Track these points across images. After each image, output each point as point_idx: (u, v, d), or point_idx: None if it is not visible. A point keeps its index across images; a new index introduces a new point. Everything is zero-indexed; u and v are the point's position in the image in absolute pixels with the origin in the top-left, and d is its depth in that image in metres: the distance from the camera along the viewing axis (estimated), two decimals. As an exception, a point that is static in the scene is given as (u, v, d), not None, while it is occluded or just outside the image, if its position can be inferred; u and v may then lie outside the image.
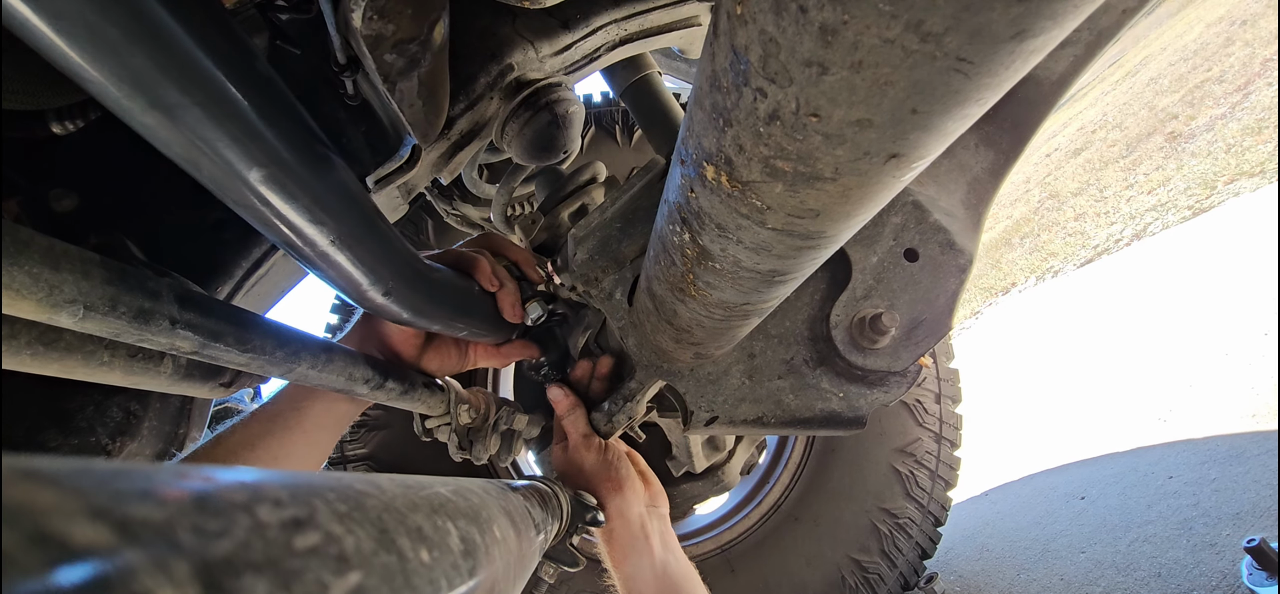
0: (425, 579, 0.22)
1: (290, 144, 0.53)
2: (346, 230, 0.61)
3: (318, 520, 0.18)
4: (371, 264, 0.66)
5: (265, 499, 0.17)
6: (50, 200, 0.84)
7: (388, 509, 0.22)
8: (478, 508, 0.32)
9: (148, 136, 0.45)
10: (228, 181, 0.50)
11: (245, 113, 0.48)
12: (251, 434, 0.80)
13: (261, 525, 0.16)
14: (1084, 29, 0.95)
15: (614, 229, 0.92)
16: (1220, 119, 5.70)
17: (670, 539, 0.94)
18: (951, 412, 2.25)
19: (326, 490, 0.20)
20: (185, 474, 0.16)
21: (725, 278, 0.56)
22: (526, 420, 1.08)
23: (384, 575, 0.20)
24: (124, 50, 0.39)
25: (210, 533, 0.15)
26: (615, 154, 2.21)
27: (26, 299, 0.41)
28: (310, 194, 0.55)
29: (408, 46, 0.66)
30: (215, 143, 0.46)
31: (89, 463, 0.14)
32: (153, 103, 0.42)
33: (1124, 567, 2.10)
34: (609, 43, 1.11)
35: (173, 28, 0.41)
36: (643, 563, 0.89)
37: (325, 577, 0.17)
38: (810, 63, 0.29)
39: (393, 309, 0.73)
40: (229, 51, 0.47)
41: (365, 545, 0.19)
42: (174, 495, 0.15)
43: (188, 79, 0.43)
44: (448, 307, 0.85)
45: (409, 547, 0.22)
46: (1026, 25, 0.25)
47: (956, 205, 0.94)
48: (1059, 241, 6.23)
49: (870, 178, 0.37)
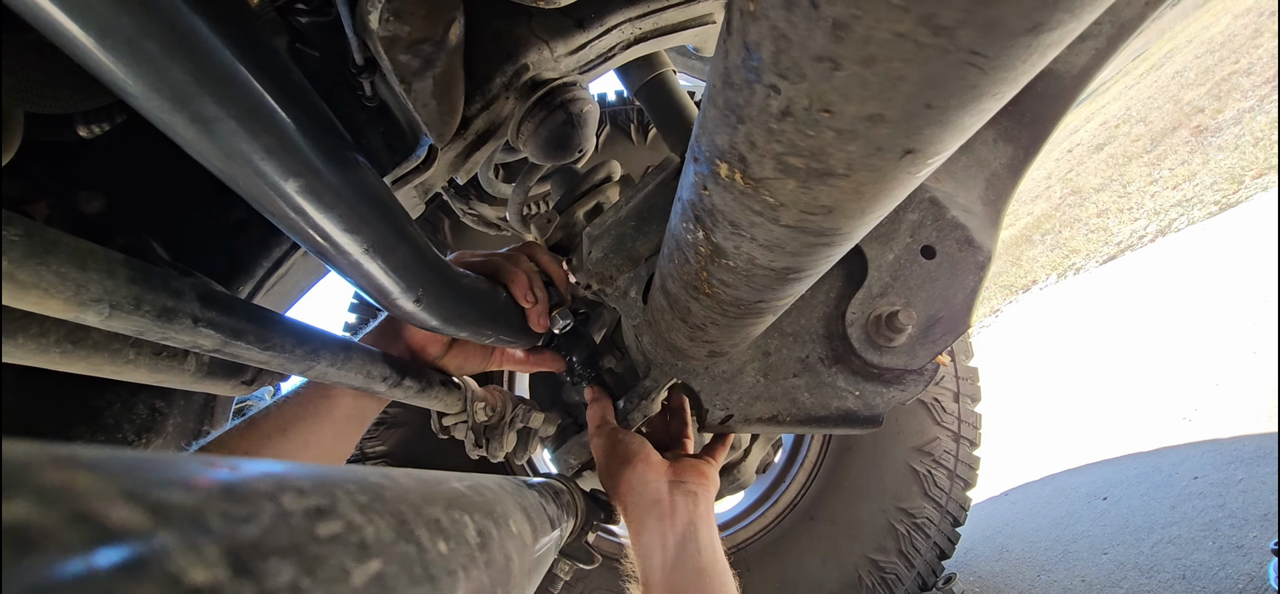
0: (443, 569, 0.23)
1: (324, 152, 0.53)
2: (379, 238, 0.61)
3: (339, 510, 0.19)
4: (402, 271, 0.66)
5: (289, 488, 0.18)
6: (78, 202, 0.86)
7: (405, 501, 0.23)
8: (493, 503, 0.32)
9: (188, 149, 0.46)
10: (264, 193, 0.50)
11: (281, 123, 0.48)
12: (284, 418, 0.81)
13: (286, 513, 0.17)
14: (1105, 21, 0.93)
15: (629, 227, 0.92)
16: (1248, 112, 5.59)
17: (697, 517, 0.85)
18: (970, 410, 2.23)
19: (347, 482, 0.20)
20: (213, 463, 0.17)
21: (739, 275, 0.56)
22: (543, 418, 1.08)
23: (403, 564, 0.20)
24: (162, 63, 0.39)
25: (238, 518, 0.15)
26: (631, 152, 2.21)
27: (54, 298, 0.42)
28: (345, 203, 0.56)
29: (423, 47, 0.67)
30: (251, 155, 0.47)
31: (123, 452, 0.15)
32: (193, 116, 0.43)
33: (1147, 569, 2.07)
34: (623, 42, 1.11)
35: (210, 38, 0.42)
36: (655, 538, 0.83)
37: (347, 563, 0.18)
38: (822, 58, 0.29)
39: (422, 317, 0.73)
40: (262, 60, 0.47)
41: (385, 535, 0.20)
42: (204, 483, 0.15)
43: (225, 91, 0.43)
44: (476, 314, 0.84)
45: (427, 537, 0.22)
46: (1042, 18, 0.25)
47: (975, 201, 0.93)
48: (1081, 238, 6.14)
49: (884, 174, 0.37)
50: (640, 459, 0.90)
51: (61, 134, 0.77)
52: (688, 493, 0.88)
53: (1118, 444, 2.93)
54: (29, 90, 0.65)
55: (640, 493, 0.87)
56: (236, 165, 0.47)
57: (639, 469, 0.89)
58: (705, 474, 0.93)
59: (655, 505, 0.85)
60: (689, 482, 0.89)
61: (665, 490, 0.87)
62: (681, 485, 0.88)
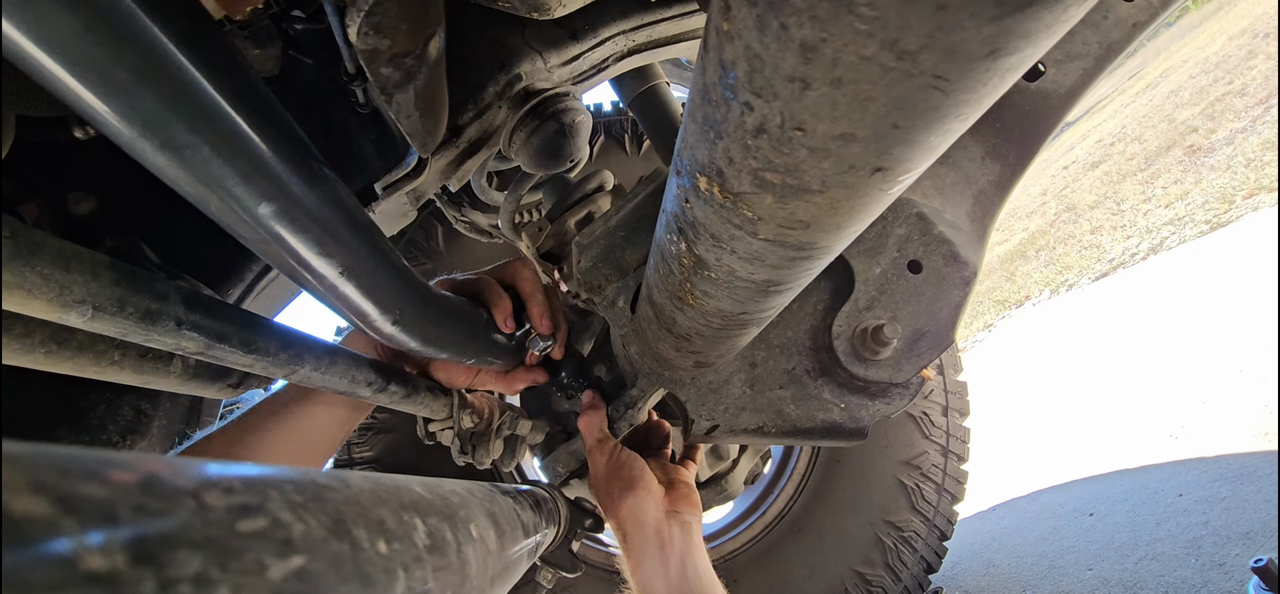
0: (380, 568, 0.23)
1: (297, 173, 0.52)
2: (355, 260, 0.60)
3: (268, 508, 0.19)
4: (380, 293, 0.66)
5: (216, 486, 0.18)
6: (69, 203, 0.86)
7: (350, 502, 0.23)
8: (455, 507, 0.33)
9: (160, 176, 0.44)
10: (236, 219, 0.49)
11: (253, 148, 0.47)
12: (254, 420, 0.81)
13: (206, 508, 0.17)
14: (1093, 41, 0.95)
15: (618, 237, 0.93)
16: (1241, 133, 5.64)
17: (691, 548, 0.88)
18: (959, 425, 2.24)
19: (284, 482, 0.21)
20: (143, 461, 0.17)
21: (721, 287, 0.56)
22: (530, 426, 1.09)
23: (332, 561, 0.20)
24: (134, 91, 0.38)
25: (152, 511, 0.16)
26: (624, 163, 2.22)
27: (38, 299, 0.43)
28: (319, 225, 0.55)
29: (404, 61, 0.67)
30: (224, 180, 0.46)
31: (52, 449, 0.16)
32: (164, 144, 0.41)
33: (1131, 585, 2.08)
34: (617, 53, 1.12)
35: (180, 63, 0.41)
36: (656, 569, 0.85)
37: (266, 558, 0.18)
38: (793, 78, 0.30)
39: (402, 338, 0.73)
40: (230, 78, 0.46)
41: (315, 533, 0.20)
42: (121, 477, 0.16)
43: (198, 116, 0.42)
44: (457, 336, 0.84)
45: (365, 537, 0.23)
46: (1000, 44, 0.26)
47: (962, 217, 0.94)
48: (1074, 255, 6.18)
49: (857, 191, 0.38)
50: (642, 486, 0.91)
51: (55, 135, 0.77)
52: (683, 523, 0.90)
53: (1105, 461, 2.95)
54: (20, 93, 0.65)
55: (641, 521, 0.88)
56: (208, 193, 0.46)
57: (640, 497, 0.90)
58: (696, 503, 0.96)
59: (656, 537, 0.87)
60: (683, 512, 0.92)
61: (663, 521, 0.89)
62: (677, 516, 0.91)
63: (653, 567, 0.86)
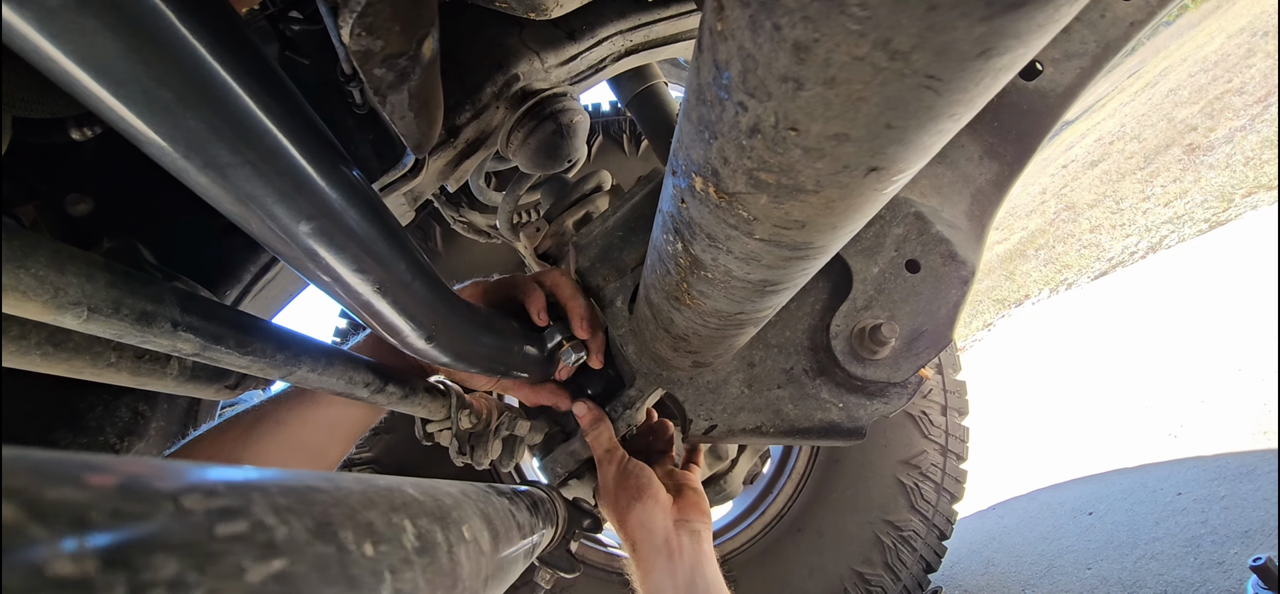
0: (367, 570, 0.23)
1: (336, 188, 0.51)
2: (390, 276, 0.59)
3: (250, 511, 0.19)
4: (414, 309, 0.65)
5: (197, 490, 0.18)
6: (66, 204, 0.86)
7: (338, 505, 0.23)
8: (448, 509, 0.33)
9: (202, 194, 0.44)
10: (277, 238, 0.49)
11: (295, 165, 0.46)
12: (249, 421, 0.81)
13: (185, 512, 0.17)
14: (1090, 41, 0.95)
15: (615, 238, 0.93)
16: (1240, 131, 5.64)
17: (700, 557, 0.87)
18: (958, 424, 2.24)
19: (272, 485, 0.21)
20: (126, 464, 0.17)
21: (718, 287, 0.56)
22: (529, 426, 1.08)
23: (316, 564, 0.20)
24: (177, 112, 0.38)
25: (128, 515, 0.16)
26: (622, 162, 2.22)
27: (33, 301, 0.42)
28: (356, 242, 0.54)
29: (397, 62, 0.67)
30: (265, 199, 0.45)
31: (33, 453, 0.16)
32: (206, 164, 0.41)
33: (1130, 584, 2.08)
34: (614, 54, 1.12)
35: (224, 81, 0.40)
36: (665, 579, 0.84)
37: (245, 561, 0.18)
38: (786, 78, 0.30)
39: (434, 354, 0.72)
40: (269, 93, 0.45)
41: (299, 536, 0.20)
42: (97, 481, 0.16)
43: (240, 136, 0.42)
44: (488, 350, 0.83)
45: (352, 540, 0.23)
46: (992, 44, 0.26)
47: (960, 217, 0.94)
48: (1074, 254, 6.18)
49: (852, 190, 0.38)
50: (650, 496, 0.90)
51: (53, 136, 0.77)
52: (692, 532, 0.89)
53: (1104, 459, 2.95)
54: (17, 95, 0.65)
55: (650, 530, 0.87)
56: (248, 211, 0.45)
57: (648, 507, 0.89)
58: (705, 510, 0.94)
59: (665, 546, 0.86)
60: (692, 520, 0.90)
61: (672, 530, 0.88)
62: (686, 524, 0.89)
63: (661, 576, 0.84)
